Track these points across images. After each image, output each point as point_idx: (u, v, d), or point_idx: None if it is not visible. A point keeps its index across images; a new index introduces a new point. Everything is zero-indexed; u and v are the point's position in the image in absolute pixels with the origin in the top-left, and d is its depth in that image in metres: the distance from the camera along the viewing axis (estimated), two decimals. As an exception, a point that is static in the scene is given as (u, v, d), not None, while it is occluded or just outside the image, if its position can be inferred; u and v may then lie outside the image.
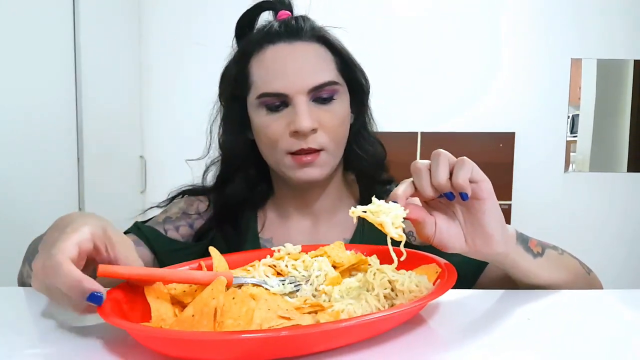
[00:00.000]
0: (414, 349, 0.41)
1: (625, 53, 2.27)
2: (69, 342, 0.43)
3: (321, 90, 0.70)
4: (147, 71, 2.28)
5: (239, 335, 0.36)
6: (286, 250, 0.61)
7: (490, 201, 0.51)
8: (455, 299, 0.54)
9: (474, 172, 0.50)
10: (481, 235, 0.52)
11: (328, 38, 0.73)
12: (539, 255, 0.58)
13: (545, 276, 0.58)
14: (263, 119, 0.71)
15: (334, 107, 0.71)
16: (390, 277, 0.48)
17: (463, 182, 0.48)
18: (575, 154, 2.34)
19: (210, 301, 0.42)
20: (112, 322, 0.39)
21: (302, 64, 0.70)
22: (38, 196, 1.44)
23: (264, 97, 0.70)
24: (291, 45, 0.71)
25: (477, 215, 0.51)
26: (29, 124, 1.45)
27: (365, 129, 0.80)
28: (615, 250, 2.30)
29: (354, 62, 0.76)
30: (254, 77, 0.72)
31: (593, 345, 0.42)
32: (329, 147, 0.71)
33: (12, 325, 0.48)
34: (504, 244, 0.53)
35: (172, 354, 0.39)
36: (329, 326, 0.38)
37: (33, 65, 1.49)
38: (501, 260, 0.55)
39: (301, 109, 0.68)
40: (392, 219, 0.46)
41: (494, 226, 0.51)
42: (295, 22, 0.72)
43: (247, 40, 0.75)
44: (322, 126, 0.70)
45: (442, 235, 0.52)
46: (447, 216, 0.53)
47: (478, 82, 2.29)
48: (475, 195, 0.50)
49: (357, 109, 0.78)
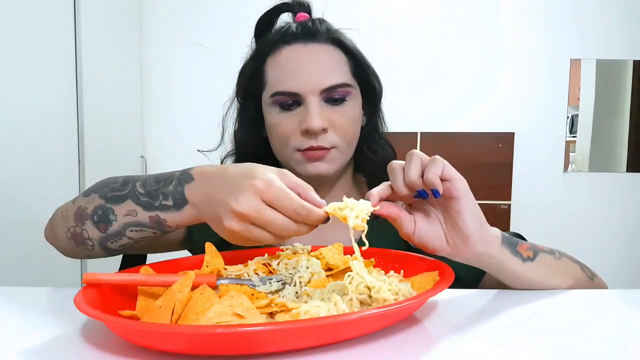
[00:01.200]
0: (407, 349, 0.41)
1: (625, 53, 2.27)
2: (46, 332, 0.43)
3: (333, 92, 0.71)
4: (147, 71, 2.28)
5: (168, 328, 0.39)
6: (293, 249, 0.62)
7: (464, 200, 0.51)
8: (455, 298, 0.54)
9: (446, 170, 0.50)
10: (459, 235, 0.52)
11: (343, 40, 0.75)
12: (529, 259, 0.57)
13: (537, 281, 0.58)
14: (275, 117, 0.73)
15: (346, 109, 0.72)
16: (367, 282, 0.47)
17: (433, 179, 0.49)
18: (574, 154, 2.34)
19: (176, 294, 0.43)
20: (84, 310, 0.41)
21: (316, 65, 0.71)
22: (39, 196, 1.44)
23: (277, 95, 0.71)
24: (306, 47, 0.72)
25: (453, 215, 0.52)
26: (29, 124, 1.45)
27: (376, 132, 0.81)
28: (614, 250, 2.30)
29: (368, 65, 0.77)
30: (269, 76, 0.74)
31: (593, 345, 0.42)
32: (340, 145, 0.72)
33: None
34: (483, 244, 0.53)
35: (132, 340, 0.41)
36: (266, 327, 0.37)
37: (34, 65, 1.49)
38: (485, 262, 0.55)
39: (312, 108, 0.69)
40: (357, 213, 0.48)
41: (469, 225, 0.52)
42: (312, 24, 0.74)
43: (264, 40, 0.77)
44: (333, 126, 0.71)
45: (421, 234, 0.53)
46: (428, 217, 0.54)
47: (477, 83, 2.29)
48: (449, 194, 0.51)
49: (369, 111, 0.80)
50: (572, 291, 0.58)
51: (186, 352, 0.39)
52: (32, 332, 0.46)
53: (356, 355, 0.39)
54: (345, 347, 0.40)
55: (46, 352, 0.41)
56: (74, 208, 0.60)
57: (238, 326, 0.38)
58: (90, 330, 0.45)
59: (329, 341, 0.40)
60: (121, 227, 0.57)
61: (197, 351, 0.39)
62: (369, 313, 0.40)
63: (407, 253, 0.61)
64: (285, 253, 0.61)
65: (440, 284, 0.47)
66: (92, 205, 0.58)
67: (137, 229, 0.57)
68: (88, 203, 0.59)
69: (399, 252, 0.62)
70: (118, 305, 0.48)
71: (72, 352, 0.41)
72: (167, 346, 0.39)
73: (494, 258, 0.55)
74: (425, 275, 0.53)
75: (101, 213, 0.57)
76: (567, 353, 0.40)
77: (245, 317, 0.42)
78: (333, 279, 0.56)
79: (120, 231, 0.57)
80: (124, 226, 0.57)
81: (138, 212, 0.56)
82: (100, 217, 0.58)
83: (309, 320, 0.40)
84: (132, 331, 0.40)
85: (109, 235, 0.58)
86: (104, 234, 0.58)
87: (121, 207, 0.57)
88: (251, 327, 0.37)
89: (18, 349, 0.41)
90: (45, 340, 0.44)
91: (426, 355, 0.40)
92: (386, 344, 0.41)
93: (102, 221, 0.57)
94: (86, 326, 0.46)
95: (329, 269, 0.57)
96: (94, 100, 1.76)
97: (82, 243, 0.60)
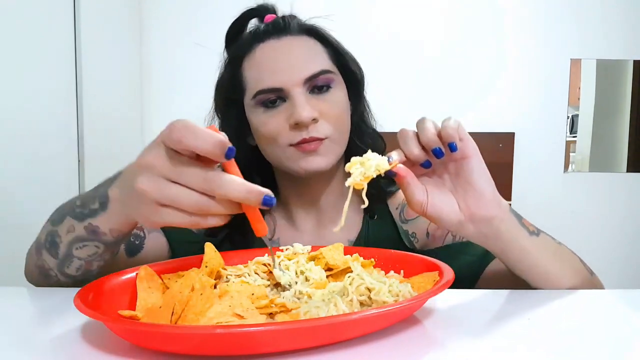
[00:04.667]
0: (407, 349, 0.41)
1: (625, 53, 2.27)
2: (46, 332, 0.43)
3: (316, 79, 0.69)
4: (147, 71, 2.28)
5: (169, 329, 0.38)
6: (293, 250, 0.62)
7: (477, 158, 0.52)
8: (455, 299, 0.54)
9: (461, 128, 0.51)
10: (472, 195, 0.52)
11: (317, 30, 0.73)
12: (534, 234, 0.57)
13: (542, 261, 0.56)
14: (261, 117, 0.70)
15: (332, 96, 0.70)
16: (367, 284, 0.46)
17: (452, 132, 0.50)
18: (574, 154, 2.34)
19: (177, 295, 0.43)
20: (83, 310, 0.40)
21: (294, 56, 0.69)
22: (39, 197, 1.44)
23: (260, 94, 0.69)
24: (280, 40, 0.71)
25: (466, 175, 0.52)
26: (29, 124, 1.45)
27: (363, 122, 0.80)
28: (615, 250, 2.30)
29: (345, 51, 0.76)
30: (248, 78, 0.71)
31: (593, 345, 0.42)
32: (333, 135, 0.70)
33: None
34: (496, 205, 0.53)
35: (132, 341, 0.41)
36: (266, 327, 0.37)
37: (33, 65, 1.49)
38: (496, 228, 0.53)
39: (299, 100, 0.67)
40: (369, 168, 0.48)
41: (483, 184, 0.52)
42: (282, 20, 0.72)
43: (236, 45, 0.75)
44: (323, 115, 0.69)
45: (434, 201, 0.52)
46: (439, 187, 0.54)
47: (477, 82, 2.29)
48: (462, 153, 0.52)
49: (354, 100, 0.77)
50: (572, 291, 0.58)
51: (186, 352, 0.39)
52: (32, 332, 0.46)
53: (356, 355, 0.39)
54: (345, 347, 0.40)
55: (46, 352, 0.41)
56: (35, 242, 0.59)
57: (238, 326, 0.38)
58: (89, 330, 0.45)
59: (329, 341, 0.40)
60: (67, 248, 0.54)
61: (197, 351, 0.39)
62: (368, 314, 0.39)
63: (407, 253, 0.61)
64: (286, 253, 0.61)
65: (440, 284, 0.46)
66: (44, 233, 0.57)
67: (80, 245, 0.54)
68: (42, 232, 0.58)
69: (399, 253, 0.62)
70: (117, 306, 0.48)
71: (71, 353, 0.41)
72: (167, 347, 0.39)
73: (505, 224, 0.54)
74: (425, 276, 0.53)
75: (50, 239, 0.55)
76: (567, 353, 0.40)
77: (245, 318, 0.42)
78: (333, 279, 0.56)
79: (67, 252, 0.55)
80: (68, 245, 0.54)
81: (75, 225, 0.53)
82: (50, 243, 0.55)
83: (310, 321, 0.39)
84: (132, 332, 0.40)
85: (61, 260, 0.56)
86: (57, 260, 0.56)
87: (62, 226, 0.54)
88: (251, 328, 0.37)
89: (18, 350, 0.41)
90: (45, 340, 0.44)
91: (426, 355, 0.40)
92: (386, 344, 0.41)
93: (52, 246, 0.55)
94: (86, 326, 0.46)
95: (329, 269, 0.57)
96: (94, 100, 1.76)
97: (46, 275, 0.58)
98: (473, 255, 0.69)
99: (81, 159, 1.71)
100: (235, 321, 0.41)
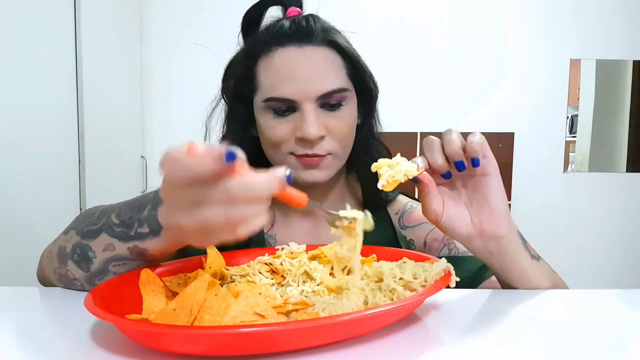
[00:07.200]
0: (409, 348, 0.41)
1: (624, 53, 2.27)
2: (55, 334, 0.43)
3: (330, 97, 0.67)
4: (147, 71, 2.28)
5: (195, 330, 0.37)
6: (289, 249, 0.61)
7: (497, 177, 0.53)
8: (455, 298, 0.54)
9: (485, 146, 0.52)
10: (487, 212, 0.53)
11: (339, 42, 0.70)
12: (535, 259, 0.58)
13: (538, 285, 0.57)
14: (269, 122, 0.69)
15: (342, 114, 0.69)
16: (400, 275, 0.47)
17: (477, 147, 0.50)
18: (574, 154, 2.35)
19: (192, 297, 0.43)
20: (95, 313, 0.40)
21: (312, 70, 0.67)
22: (39, 197, 1.44)
23: (271, 101, 0.68)
24: (301, 49, 0.68)
25: (484, 192, 0.53)
26: (30, 125, 1.45)
27: (372, 134, 0.78)
28: (614, 250, 2.30)
29: (364, 67, 0.74)
30: (261, 80, 0.69)
31: (593, 345, 0.42)
32: (336, 151, 0.69)
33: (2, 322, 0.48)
34: (507, 226, 0.54)
35: (145, 343, 0.40)
36: (297, 324, 0.38)
37: (34, 65, 1.49)
38: (503, 248, 0.54)
39: (309, 116, 0.66)
40: (398, 172, 0.48)
41: (499, 203, 0.53)
42: (305, 22, 0.69)
43: (255, 40, 0.72)
44: (330, 132, 0.68)
45: (449, 212, 0.53)
46: (455, 200, 0.55)
47: (477, 83, 2.30)
48: (484, 170, 0.52)
49: (364, 113, 0.77)
50: (572, 291, 0.58)
51: (207, 353, 0.38)
52: (42, 333, 0.46)
53: (357, 353, 0.39)
54: (345, 346, 0.40)
55: (56, 353, 0.41)
56: (55, 248, 0.57)
57: (267, 325, 0.38)
58: (100, 331, 0.45)
59: (349, 336, 0.41)
60: (102, 264, 0.53)
61: (218, 352, 0.38)
62: (394, 307, 0.40)
63: (407, 251, 0.61)
64: (285, 252, 0.61)
65: (440, 282, 0.47)
66: (71, 243, 0.55)
67: (119, 262, 0.53)
68: (67, 242, 0.56)
69: (399, 250, 0.62)
70: (127, 308, 0.47)
71: (81, 354, 0.41)
72: (187, 348, 0.38)
73: (511, 245, 0.54)
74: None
75: (80, 251, 0.54)
76: (567, 353, 0.40)
77: (266, 317, 0.42)
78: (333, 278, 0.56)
79: (102, 268, 0.54)
80: (105, 262, 0.53)
81: (115, 245, 0.52)
82: (80, 256, 0.54)
83: (334, 317, 0.39)
84: (147, 333, 0.39)
85: (93, 274, 0.55)
86: (88, 273, 0.55)
87: (97, 242, 0.53)
88: (275, 327, 0.37)
89: (27, 350, 0.41)
90: (55, 341, 0.44)
91: (426, 352, 0.40)
92: (386, 342, 0.41)
93: (82, 260, 0.54)
94: (96, 328, 0.46)
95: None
96: (94, 100, 1.76)
97: (70, 284, 0.57)
98: (467, 272, 0.69)
99: (81, 159, 1.71)
100: (258, 320, 0.41)
